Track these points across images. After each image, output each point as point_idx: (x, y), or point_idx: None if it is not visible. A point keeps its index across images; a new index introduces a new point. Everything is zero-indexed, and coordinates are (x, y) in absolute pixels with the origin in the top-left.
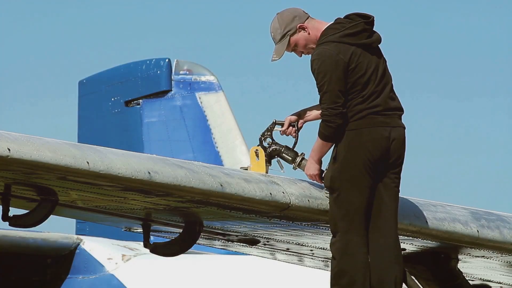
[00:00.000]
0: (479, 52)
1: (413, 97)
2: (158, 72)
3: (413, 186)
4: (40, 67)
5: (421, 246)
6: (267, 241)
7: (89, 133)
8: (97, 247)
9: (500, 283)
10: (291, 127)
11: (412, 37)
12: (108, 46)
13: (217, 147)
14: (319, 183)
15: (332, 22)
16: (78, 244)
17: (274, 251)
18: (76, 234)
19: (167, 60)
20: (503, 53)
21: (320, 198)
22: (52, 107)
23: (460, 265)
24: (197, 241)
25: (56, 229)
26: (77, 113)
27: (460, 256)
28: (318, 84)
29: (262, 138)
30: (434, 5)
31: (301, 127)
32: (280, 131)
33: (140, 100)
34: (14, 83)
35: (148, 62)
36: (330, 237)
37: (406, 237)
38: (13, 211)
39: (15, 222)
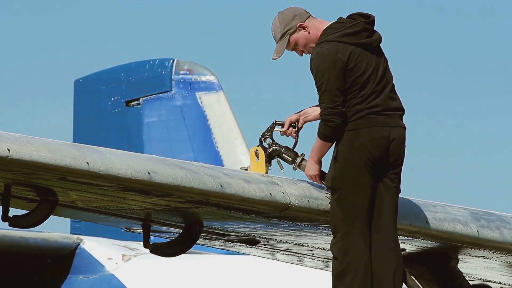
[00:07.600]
0: (479, 52)
1: (413, 97)
2: (163, 72)
3: (413, 186)
4: (41, 67)
5: (421, 246)
6: (267, 242)
7: (86, 133)
8: (97, 247)
9: (500, 283)
10: (291, 128)
11: (412, 37)
12: (108, 46)
13: (217, 147)
14: (319, 184)
15: (333, 21)
16: (78, 244)
17: (274, 251)
18: (71, 233)
19: (171, 60)
20: (504, 53)
21: (320, 198)
22: (53, 107)
23: (460, 265)
24: (197, 241)
25: (56, 229)
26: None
27: (460, 256)
28: (316, 83)
29: (262, 139)
30: (435, 5)
31: (301, 128)
32: (280, 131)
33: (141, 100)
34: (15, 83)
35: (151, 62)
36: (330, 237)
37: (406, 237)
38: (13, 212)
39: (15, 222)
